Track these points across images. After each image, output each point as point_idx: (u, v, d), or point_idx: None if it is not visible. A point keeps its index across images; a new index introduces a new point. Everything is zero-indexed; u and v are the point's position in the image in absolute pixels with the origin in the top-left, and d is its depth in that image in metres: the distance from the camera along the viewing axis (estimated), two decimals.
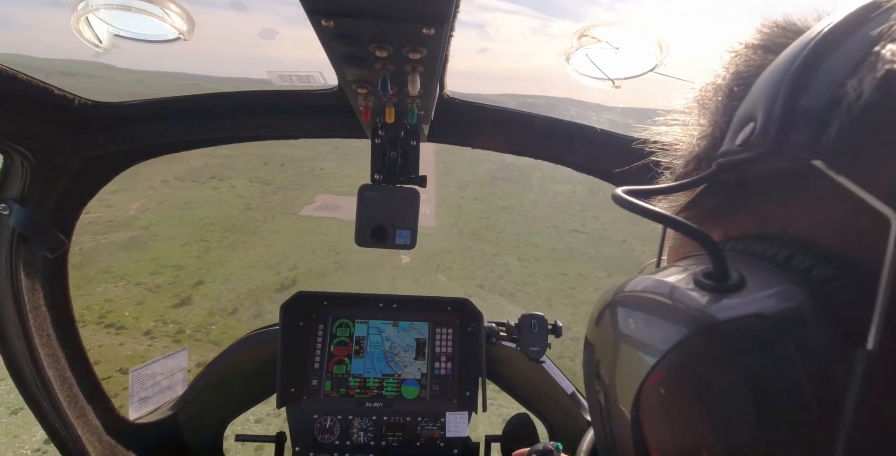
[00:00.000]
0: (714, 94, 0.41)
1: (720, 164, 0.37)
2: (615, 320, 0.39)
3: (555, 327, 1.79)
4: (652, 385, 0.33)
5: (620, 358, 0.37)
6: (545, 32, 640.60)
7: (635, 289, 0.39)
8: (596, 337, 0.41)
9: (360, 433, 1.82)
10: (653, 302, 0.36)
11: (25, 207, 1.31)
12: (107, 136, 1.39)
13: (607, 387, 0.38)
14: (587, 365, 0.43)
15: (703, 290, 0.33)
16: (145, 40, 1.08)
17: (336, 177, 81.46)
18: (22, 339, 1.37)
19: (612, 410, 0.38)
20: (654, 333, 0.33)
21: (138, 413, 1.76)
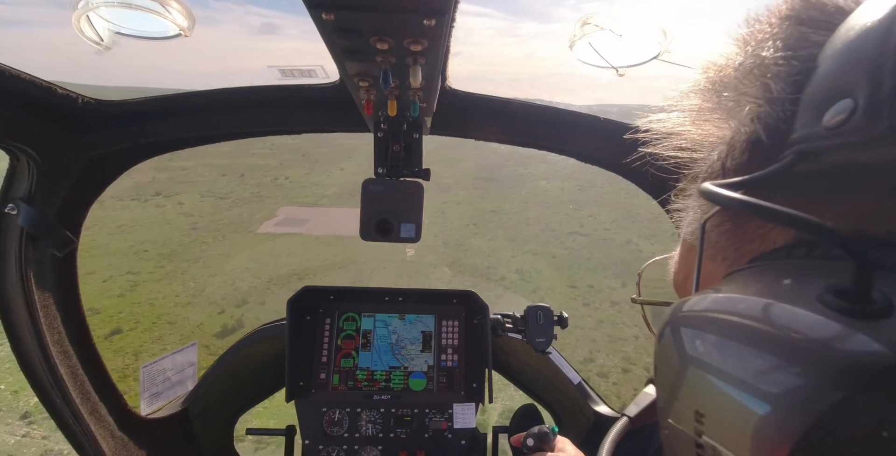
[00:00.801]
0: (756, 73, 0.35)
1: (800, 151, 0.31)
2: (706, 353, 0.31)
3: (560, 318, 1.77)
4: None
5: (731, 410, 0.28)
6: (513, 34, 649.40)
7: (728, 310, 0.31)
8: (676, 374, 0.33)
9: (368, 426, 1.81)
10: (766, 331, 0.28)
11: (33, 207, 1.30)
12: (111, 134, 1.39)
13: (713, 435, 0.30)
14: (667, 406, 0.35)
15: (843, 315, 0.25)
16: (146, 37, 1.07)
17: (303, 186, 73.46)
18: (33, 337, 1.37)
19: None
20: (788, 379, 0.25)
21: (150, 408, 1.75)
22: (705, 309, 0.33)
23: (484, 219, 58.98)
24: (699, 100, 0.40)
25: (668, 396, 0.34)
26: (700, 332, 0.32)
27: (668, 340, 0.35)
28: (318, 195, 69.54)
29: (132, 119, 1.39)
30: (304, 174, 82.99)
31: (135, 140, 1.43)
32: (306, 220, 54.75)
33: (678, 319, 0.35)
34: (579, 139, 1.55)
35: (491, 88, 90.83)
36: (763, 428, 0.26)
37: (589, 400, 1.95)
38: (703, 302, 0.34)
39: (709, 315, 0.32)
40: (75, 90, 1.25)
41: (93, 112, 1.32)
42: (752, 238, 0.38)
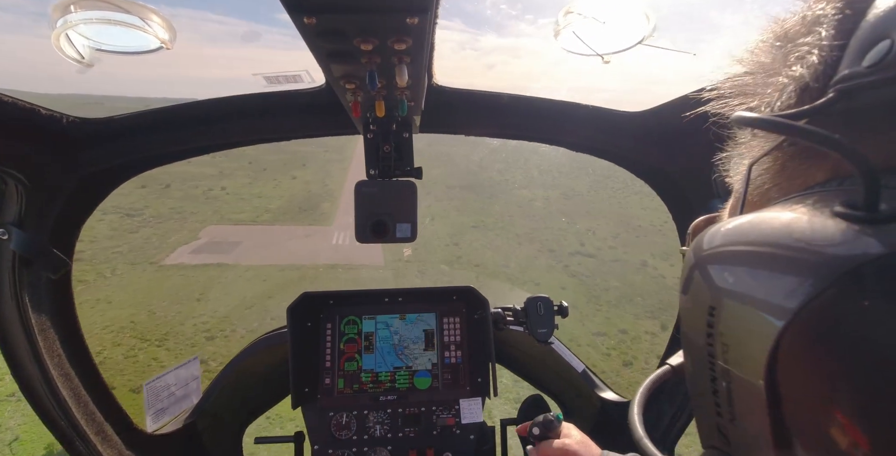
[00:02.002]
0: (812, 23, 0.37)
1: (841, 89, 0.33)
2: (721, 279, 0.34)
3: (561, 308, 1.79)
4: (795, 343, 0.28)
5: (742, 321, 0.32)
6: (474, 47, 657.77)
7: (738, 238, 0.34)
8: (698, 303, 0.36)
9: (376, 427, 1.81)
10: (774, 248, 0.31)
11: (24, 230, 1.29)
12: (98, 152, 1.38)
13: (728, 354, 0.34)
14: (690, 335, 0.38)
15: (850, 221, 0.28)
16: (127, 52, 1.07)
17: (241, 198, 60.20)
18: (34, 362, 1.36)
19: (734, 381, 0.33)
20: (789, 283, 0.28)
21: (156, 425, 1.74)
22: (716, 237, 0.36)
23: (466, 238, 48.61)
24: (761, 54, 0.42)
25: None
26: (718, 264, 0.35)
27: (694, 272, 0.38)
28: (259, 209, 56.99)
29: (119, 136, 1.39)
30: (246, 184, 69.49)
31: (123, 157, 1.42)
32: (235, 245, 41.93)
33: (701, 257, 0.37)
34: (569, 128, 1.58)
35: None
36: (768, 313, 0.29)
37: (594, 387, 1.98)
38: (718, 230, 0.37)
39: (727, 246, 0.35)
40: (52, 98, 1.31)
41: (78, 131, 1.30)
42: (794, 176, 0.39)
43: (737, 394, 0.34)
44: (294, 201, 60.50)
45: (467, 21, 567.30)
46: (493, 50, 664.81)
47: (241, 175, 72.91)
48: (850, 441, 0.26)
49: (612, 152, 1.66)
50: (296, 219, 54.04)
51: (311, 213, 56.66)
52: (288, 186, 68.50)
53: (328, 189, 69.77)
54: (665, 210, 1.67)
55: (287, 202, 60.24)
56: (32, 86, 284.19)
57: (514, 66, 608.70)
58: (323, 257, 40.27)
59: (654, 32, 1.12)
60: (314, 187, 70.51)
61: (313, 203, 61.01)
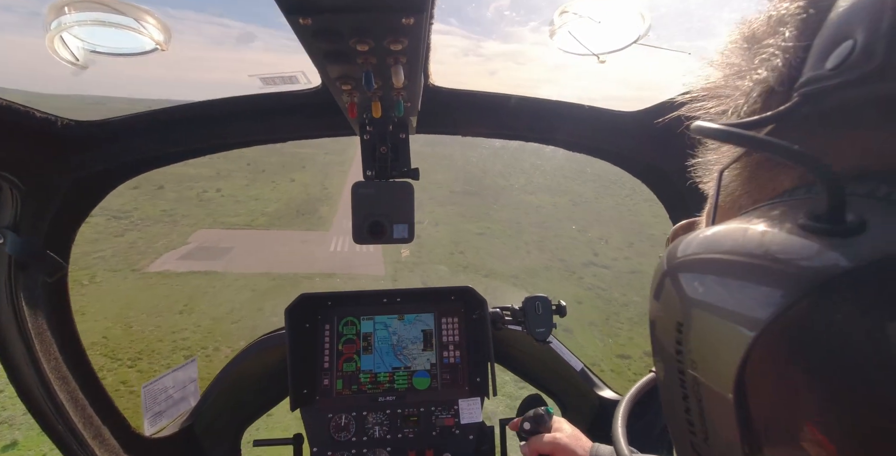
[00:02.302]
0: (776, 23, 0.36)
1: (805, 93, 0.32)
2: (691, 289, 0.33)
3: (559, 307, 1.80)
4: (765, 356, 0.28)
5: (711, 333, 0.31)
6: (477, 53, 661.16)
7: (709, 248, 0.34)
8: (667, 313, 0.36)
9: (375, 428, 1.81)
10: (744, 259, 0.30)
11: (19, 234, 1.29)
12: (94, 154, 1.38)
13: (697, 368, 0.33)
14: (660, 347, 0.38)
15: (816, 234, 0.27)
16: (122, 54, 1.07)
17: (236, 201, 57.58)
18: (30, 366, 1.36)
19: (704, 395, 0.33)
20: (760, 295, 0.28)
21: (154, 428, 1.74)
22: (685, 252, 0.36)
23: (471, 245, 45.90)
24: (731, 55, 0.41)
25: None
26: (686, 275, 0.34)
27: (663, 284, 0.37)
28: (255, 213, 54.26)
29: (114, 138, 1.38)
30: (243, 186, 66.79)
31: (118, 159, 1.42)
32: (226, 251, 39.32)
33: (672, 266, 0.36)
34: (566, 128, 1.58)
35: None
36: (732, 327, 0.29)
37: (593, 386, 1.99)
38: (692, 240, 0.36)
39: (692, 256, 0.34)
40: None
41: (73, 134, 1.30)
42: (763, 184, 0.39)
43: (708, 411, 0.33)
44: (291, 205, 57.75)
45: (470, 27, 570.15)
46: (496, 56, 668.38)
47: (238, 177, 70.44)
48: (821, 454, 0.27)
49: (609, 151, 1.68)
50: (292, 223, 51.30)
51: (308, 217, 54.10)
52: (286, 189, 65.83)
53: (327, 192, 67.15)
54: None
55: (284, 205, 57.49)
56: (33, 86, 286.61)
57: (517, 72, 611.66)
58: (319, 265, 37.56)
59: (650, 32, 1.12)
60: (313, 190, 68.00)
61: (311, 207, 58.47)
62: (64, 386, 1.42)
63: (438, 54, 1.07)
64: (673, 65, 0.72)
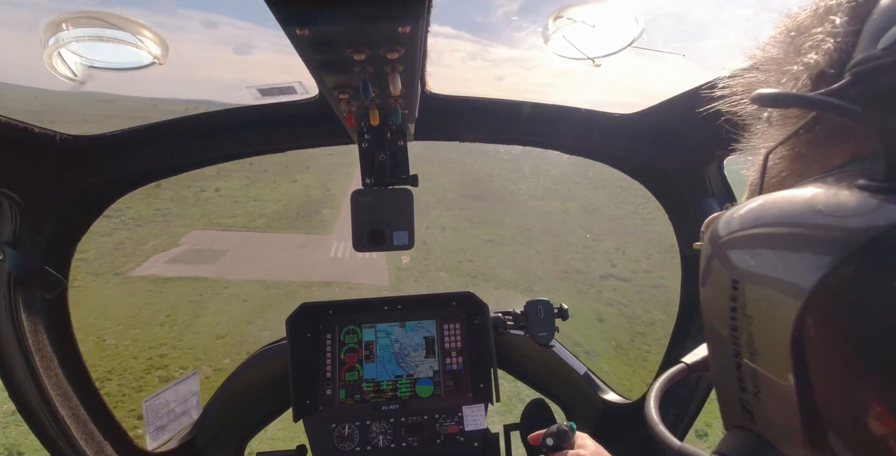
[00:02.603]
0: (825, 13, 0.38)
1: (857, 72, 0.33)
2: (748, 255, 0.34)
3: (561, 310, 1.79)
4: (825, 309, 0.28)
5: (769, 290, 0.32)
6: (484, 58, 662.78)
7: (764, 213, 0.34)
8: (721, 276, 0.37)
9: (379, 437, 1.79)
10: (802, 218, 0.31)
11: (18, 250, 1.29)
12: (92, 168, 1.38)
13: (752, 330, 0.34)
14: (711, 309, 0.39)
15: (878, 191, 0.28)
16: (120, 69, 1.08)
17: (235, 201, 54.94)
18: (31, 382, 1.35)
19: (758, 350, 0.34)
20: (819, 248, 0.29)
21: (156, 443, 1.72)
22: (737, 215, 0.37)
23: (481, 253, 43.21)
24: (772, 49, 0.43)
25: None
26: (741, 245, 0.35)
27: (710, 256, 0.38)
28: (253, 214, 51.60)
29: (112, 152, 1.39)
30: (243, 186, 64.03)
31: (117, 173, 1.42)
32: (219, 254, 36.76)
33: (718, 244, 0.37)
34: (563, 131, 1.58)
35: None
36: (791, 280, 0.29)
37: (597, 389, 1.97)
38: (733, 215, 0.37)
39: (746, 229, 0.35)
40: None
41: (71, 148, 1.30)
42: (811, 162, 0.40)
43: (762, 366, 0.34)
44: (292, 206, 55.12)
45: (478, 32, 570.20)
46: (503, 61, 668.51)
47: (239, 176, 67.87)
48: (876, 407, 0.27)
49: (606, 154, 1.70)
50: (292, 226, 48.73)
51: (309, 219, 51.55)
52: (287, 190, 63.12)
53: (330, 194, 64.58)
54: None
55: (284, 207, 54.87)
56: (40, 82, 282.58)
57: (524, 77, 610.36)
58: (319, 272, 35.01)
59: (644, 35, 1.13)
60: (315, 192, 65.48)
61: (313, 209, 55.88)
62: (65, 402, 1.41)
63: (446, 58, 0.67)
64: (672, 67, 0.45)
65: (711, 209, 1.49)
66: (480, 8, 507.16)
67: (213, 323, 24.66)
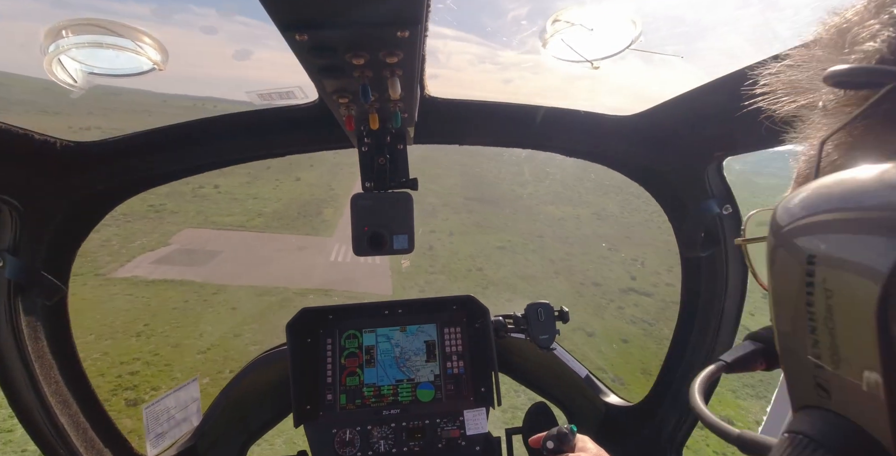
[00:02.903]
0: (877, 7, 0.39)
1: None
2: (823, 235, 0.33)
3: (561, 313, 1.79)
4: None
5: (850, 263, 0.31)
6: (493, 61, 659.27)
7: (833, 190, 0.34)
8: (798, 259, 0.36)
9: (380, 442, 1.78)
10: (876, 196, 0.30)
11: (18, 257, 1.28)
12: (92, 174, 1.38)
13: (832, 304, 0.33)
14: (787, 305, 0.38)
15: None
16: (120, 75, 1.08)
17: (234, 198, 52.60)
18: (31, 389, 1.35)
19: (838, 329, 0.33)
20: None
21: (156, 450, 1.71)
22: (803, 195, 0.36)
23: (492, 261, 40.64)
24: (819, 47, 0.43)
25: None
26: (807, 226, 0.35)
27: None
28: (251, 212, 49.39)
29: (112, 158, 1.39)
30: (244, 183, 62.03)
31: (117, 179, 1.42)
32: (212, 255, 34.31)
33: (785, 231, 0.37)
34: (562, 134, 1.59)
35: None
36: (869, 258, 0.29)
37: (599, 392, 1.96)
38: (793, 199, 0.36)
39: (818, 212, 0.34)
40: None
41: (72, 154, 1.30)
42: (870, 150, 0.39)
43: (842, 341, 0.33)
44: (293, 205, 53.06)
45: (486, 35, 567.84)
46: (511, 65, 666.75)
47: (240, 173, 65.71)
48: None
49: (606, 156, 1.70)
50: (291, 226, 46.60)
51: (310, 219, 49.40)
52: (289, 188, 61.37)
53: (333, 193, 62.25)
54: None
55: (284, 206, 52.86)
56: (45, 73, 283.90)
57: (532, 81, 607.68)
58: (316, 278, 32.62)
59: (642, 37, 1.13)
60: (318, 191, 63.14)
61: (314, 209, 53.56)
62: (65, 409, 1.41)
63: (453, 61, 0.72)
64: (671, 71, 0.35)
65: (711, 210, 1.49)
66: (489, 11, 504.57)
67: (196, 334, 22.13)
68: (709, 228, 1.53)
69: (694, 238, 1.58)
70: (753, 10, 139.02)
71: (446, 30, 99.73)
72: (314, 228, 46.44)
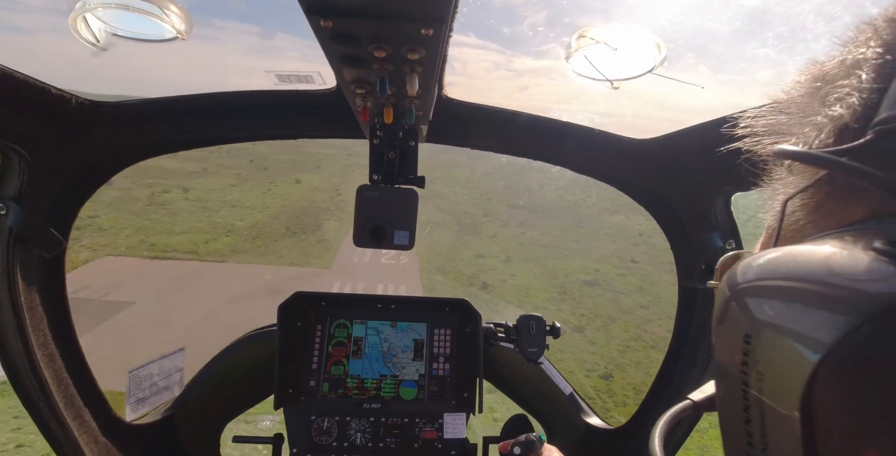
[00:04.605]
0: (851, 66, 0.39)
1: (880, 130, 0.34)
2: (765, 311, 0.34)
3: (553, 328, 1.77)
4: (834, 374, 0.28)
5: (781, 350, 0.32)
6: (509, 68, 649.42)
7: (781, 268, 0.35)
8: (734, 329, 0.37)
9: (357, 435, 1.77)
10: (815, 278, 0.31)
11: (22, 207, 1.30)
12: (105, 135, 1.40)
13: (763, 380, 0.34)
14: (724, 359, 0.39)
15: (892, 258, 0.28)
16: (142, 39, 1.08)
17: (203, 207, 38.36)
18: (19, 339, 1.35)
19: (767, 408, 0.34)
20: (831, 314, 0.29)
21: (135, 414, 1.73)
22: (755, 265, 0.37)
23: (585, 306, 25.27)
24: (798, 94, 0.44)
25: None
26: (754, 297, 0.35)
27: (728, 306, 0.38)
28: (218, 229, 35.16)
29: (127, 121, 1.40)
30: (226, 187, 48.12)
31: (128, 142, 1.44)
32: (112, 312, 19.96)
33: (737, 290, 0.38)
34: (575, 150, 1.58)
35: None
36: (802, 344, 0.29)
37: (581, 412, 1.94)
38: (752, 263, 0.37)
39: (762, 280, 0.35)
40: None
41: (87, 113, 1.32)
42: (831, 214, 0.40)
43: (770, 423, 0.34)
44: (282, 217, 39.33)
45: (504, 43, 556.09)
46: (528, 72, 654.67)
47: (229, 174, 51.67)
48: (871, 453, 0.27)
49: (614, 177, 1.70)
50: (271, 250, 32.43)
51: (301, 239, 35.21)
52: (284, 193, 47.92)
53: (340, 200, 47.62)
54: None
55: (270, 218, 39.18)
56: (62, 82, 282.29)
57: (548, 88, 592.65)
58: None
59: (665, 63, 1.13)
60: (321, 197, 48.86)
61: (312, 221, 39.57)
62: (50, 363, 1.41)
63: (470, 68, 0.78)
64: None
65: (714, 243, 1.50)
66: (506, 17, 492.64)
67: None
68: (709, 261, 1.52)
69: (693, 269, 1.58)
70: (779, 48, 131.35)
71: (464, 37, 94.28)
72: (304, 254, 32.10)
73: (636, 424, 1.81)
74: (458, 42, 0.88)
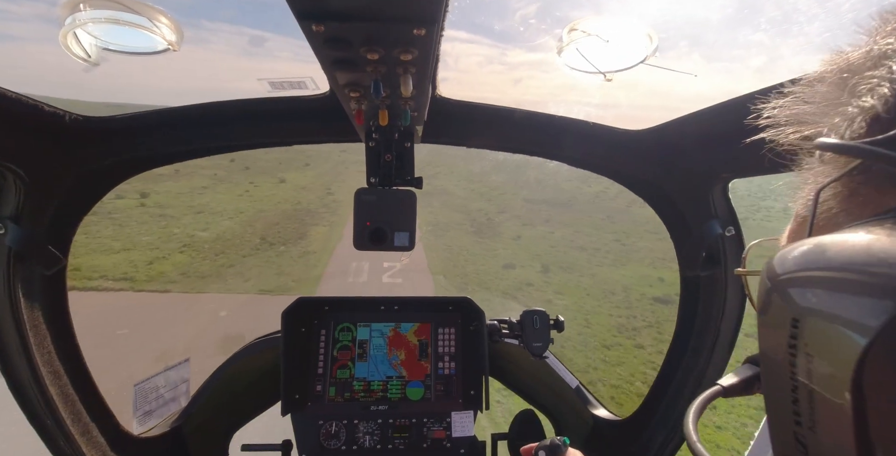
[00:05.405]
0: (879, 57, 0.39)
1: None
2: (809, 299, 0.35)
3: (556, 322, 1.78)
4: (885, 358, 0.29)
5: (829, 334, 0.33)
6: (501, 61, 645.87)
7: (822, 256, 0.35)
8: (783, 318, 0.37)
9: (366, 437, 1.78)
10: (861, 265, 0.31)
11: (20, 226, 1.30)
12: (99, 150, 1.40)
13: (812, 369, 0.34)
14: (770, 339, 0.39)
15: None
16: (134, 53, 1.09)
17: (161, 215, 35.69)
18: (23, 357, 1.36)
19: (816, 393, 0.34)
20: (877, 295, 0.29)
21: (142, 427, 1.72)
22: (793, 256, 0.37)
23: (662, 326, 23.18)
24: (823, 84, 0.44)
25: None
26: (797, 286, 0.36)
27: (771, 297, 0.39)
28: (173, 240, 32.12)
29: (120, 134, 1.40)
30: (196, 189, 44.18)
31: (122, 155, 1.43)
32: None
33: (777, 281, 0.38)
34: (571, 144, 1.58)
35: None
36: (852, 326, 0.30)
37: (587, 404, 1.95)
38: (790, 253, 0.37)
39: (805, 270, 0.35)
40: (61, 105, 1.23)
41: (80, 128, 1.32)
42: (865, 202, 0.40)
43: (819, 402, 0.34)
44: (258, 223, 35.64)
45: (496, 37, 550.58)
46: (521, 64, 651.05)
47: (203, 175, 47.67)
48: None
49: (612, 169, 1.70)
50: (239, 268, 26.55)
51: (279, 251, 31.49)
52: (265, 195, 43.59)
53: (332, 200, 45.21)
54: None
55: (242, 225, 34.31)
56: (52, 91, 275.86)
57: (542, 80, 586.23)
58: None
59: (657, 53, 1.13)
60: (308, 198, 45.67)
61: (294, 228, 36.74)
62: (55, 380, 1.41)
63: (462, 63, 0.77)
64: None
65: (713, 231, 1.50)
66: (496, 11, 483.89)
67: None
68: (710, 249, 1.53)
69: (694, 257, 1.58)
70: (772, 33, 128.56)
71: (454, 32, 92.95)
72: (281, 273, 27.29)
73: (644, 414, 1.81)
74: (449, 37, 0.88)
